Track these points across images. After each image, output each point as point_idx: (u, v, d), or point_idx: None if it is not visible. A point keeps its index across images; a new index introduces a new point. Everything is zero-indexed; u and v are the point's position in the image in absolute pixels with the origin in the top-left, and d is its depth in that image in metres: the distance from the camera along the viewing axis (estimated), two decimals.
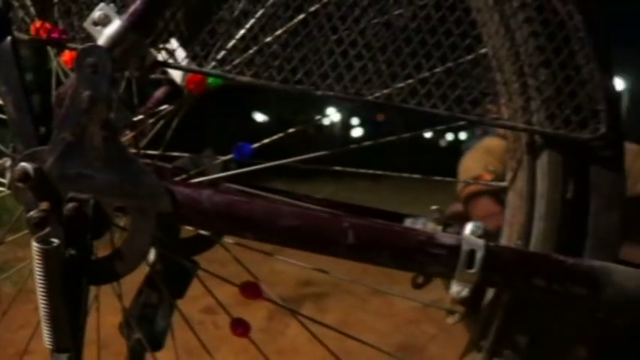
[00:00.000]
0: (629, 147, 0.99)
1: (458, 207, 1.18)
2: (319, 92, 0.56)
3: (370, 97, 0.57)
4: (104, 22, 0.55)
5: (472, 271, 0.54)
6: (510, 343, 0.58)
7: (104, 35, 0.54)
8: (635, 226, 0.84)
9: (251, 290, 0.62)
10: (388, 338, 1.20)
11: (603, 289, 0.54)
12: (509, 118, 0.57)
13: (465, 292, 0.54)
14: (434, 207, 0.63)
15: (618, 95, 0.57)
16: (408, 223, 0.63)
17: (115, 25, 0.55)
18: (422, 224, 0.62)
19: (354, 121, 21.92)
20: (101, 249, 0.57)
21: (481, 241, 0.54)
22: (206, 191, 0.56)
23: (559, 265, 0.54)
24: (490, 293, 0.59)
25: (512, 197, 0.58)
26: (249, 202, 0.56)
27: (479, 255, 0.54)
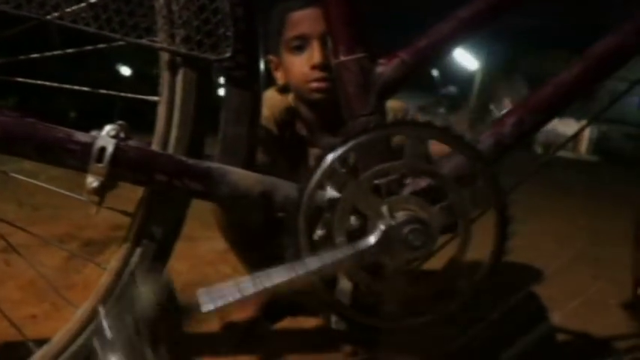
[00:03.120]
0: (393, 105, 1.06)
1: None
2: None
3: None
4: None
5: (102, 165, 0.63)
6: (148, 234, 0.68)
7: None
8: None
9: None
10: (182, 277, 1.31)
11: (218, 186, 0.65)
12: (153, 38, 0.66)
13: (96, 184, 0.64)
14: (120, 122, 0.71)
15: (249, 24, 0.66)
16: (94, 133, 0.71)
17: None
18: (106, 133, 0.71)
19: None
20: None
21: (112, 140, 0.64)
22: None
23: (179, 164, 0.64)
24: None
25: (160, 108, 0.67)
26: None
27: (108, 151, 0.63)
